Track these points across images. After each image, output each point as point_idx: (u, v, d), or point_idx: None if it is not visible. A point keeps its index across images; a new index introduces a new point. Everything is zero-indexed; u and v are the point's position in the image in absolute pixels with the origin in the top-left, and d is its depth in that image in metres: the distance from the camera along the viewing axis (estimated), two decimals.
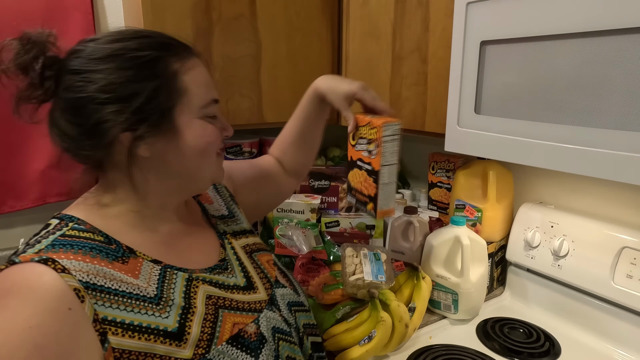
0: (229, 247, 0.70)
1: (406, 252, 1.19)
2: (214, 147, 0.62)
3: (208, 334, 0.55)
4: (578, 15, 0.67)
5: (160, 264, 0.57)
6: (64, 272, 0.48)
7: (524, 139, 0.78)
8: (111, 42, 0.56)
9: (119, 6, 1.33)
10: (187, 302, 0.56)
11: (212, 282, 0.61)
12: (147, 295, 0.53)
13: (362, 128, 0.82)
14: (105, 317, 0.48)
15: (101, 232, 0.56)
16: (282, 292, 0.69)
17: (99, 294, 0.49)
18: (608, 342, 0.97)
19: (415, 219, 1.17)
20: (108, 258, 0.53)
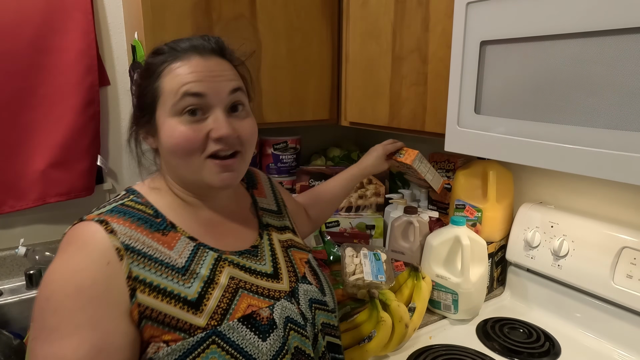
0: (267, 238, 0.75)
1: (406, 252, 1.19)
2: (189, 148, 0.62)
3: (223, 308, 0.60)
4: (578, 15, 0.67)
5: (195, 241, 0.64)
6: (112, 234, 0.57)
7: (523, 139, 0.78)
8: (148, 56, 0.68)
9: (119, 6, 1.33)
10: (211, 277, 0.62)
11: (238, 265, 0.67)
12: (176, 265, 0.60)
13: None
14: (137, 276, 0.56)
15: (152, 206, 0.65)
16: (306, 287, 0.73)
17: (136, 256, 0.58)
18: (608, 342, 0.97)
19: (415, 219, 1.17)
20: (150, 229, 0.62)
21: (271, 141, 1.53)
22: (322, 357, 0.70)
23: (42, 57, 1.21)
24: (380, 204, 1.46)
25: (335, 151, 1.71)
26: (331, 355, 0.73)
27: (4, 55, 1.16)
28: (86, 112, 1.28)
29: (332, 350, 0.74)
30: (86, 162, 1.31)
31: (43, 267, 1.27)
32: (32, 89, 1.21)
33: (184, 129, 0.61)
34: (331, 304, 0.77)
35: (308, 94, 1.34)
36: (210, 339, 0.58)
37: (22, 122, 1.21)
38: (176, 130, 0.62)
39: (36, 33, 1.19)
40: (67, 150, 1.26)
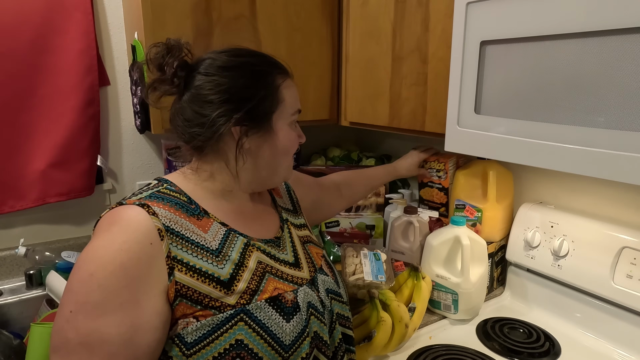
0: (287, 231, 0.80)
1: (406, 252, 1.19)
2: (294, 149, 0.77)
3: (252, 289, 0.65)
4: (578, 15, 0.67)
5: (226, 227, 0.69)
6: (154, 215, 0.61)
7: (524, 139, 0.78)
8: (235, 55, 0.71)
9: (119, 6, 1.33)
10: (241, 261, 0.66)
11: (265, 252, 0.71)
12: (211, 247, 0.65)
13: (430, 163, 1.26)
14: (175, 256, 0.60)
15: (186, 194, 0.69)
16: (323, 278, 0.77)
17: (175, 237, 0.62)
18: (608, 342, 0.97)
19: (415, 219, 1.17)
20: (187, 213, 0.66)
21: None
22: (338, 346, 0.74)
23: (42, 57, 1.21)
24: (380, 204, 1.46)
25: (335, 151, 1.71)
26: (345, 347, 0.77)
27: (4, 56, 1.16)
28: (86, 112, 1.28)
29: (347, 342, 0.78)
30: (86, 162, 1.31)
31: (43, 267, 1.26)
32: (32, 89, 1.21)
33: (295, 133, 0.76)
34: (345, 296, 0.81)
35: (308, 94, 1.34)
36: (239, 316, 0.62)
37: (22, 122, 1.21)
38: (291, 135, 0.74)
39: (36, 33, 1.19)
40: (67, 150, 1.26)
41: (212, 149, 0.71)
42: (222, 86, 0.68)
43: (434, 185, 1.28)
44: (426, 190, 1.30)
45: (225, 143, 0.70)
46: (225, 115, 0.67)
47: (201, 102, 0.68)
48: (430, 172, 1.27)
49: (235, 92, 0.68)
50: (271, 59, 0.75)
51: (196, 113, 0.68)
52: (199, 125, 0.69)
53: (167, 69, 0.68)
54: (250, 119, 0.69)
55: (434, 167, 1.26)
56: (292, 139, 0.75)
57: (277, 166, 0.75)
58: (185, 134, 0.71)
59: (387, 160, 1.65)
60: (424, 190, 1.30)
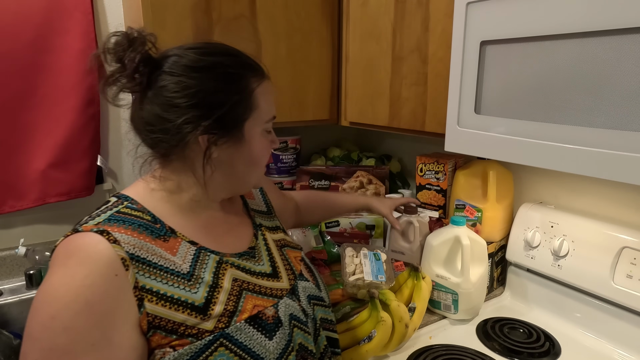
0: (261, 238, 0.76)
1: (406, 252, 1.19)
2: (267, 157, 0.72)
3: (230, 310, 0.61)
4: (578, 15, 0.67)
5: (196, 245, 0.64)
6: (115, 243, 0.55)
7: (523, 139, 0.78)
8: (205, 54, 0.64)
9: (119, 6, 1.33)
10: (215, 281, 0.62)
11: (239, 267, 0.67)
12: (181, 271, 0.60)
13: (429, 165, 1.28)
14: (144, 286, 0.56)
15: (149, 212, 0.63)
16: (304, 284, 0.74)
17: (141, 265, 0.56)
18: (608, 342, 0.97)
19: (415, 219, 1.17)
20: (152, 235, 0.60)
21: None
22: (323, 352, 0.72)
23: (42, 57, 1.21)
24: None
25: (335, 151, 1.71)
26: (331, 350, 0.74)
27: (4, 56, 1.16)
28: (86, 112, 1.28)
29: (331, 344, 0.75)
30: (86, 162, 1.31)
31: (43, 267, 1.27)
32: (32, 89, 1.21)
33: (268, 141, 0.70)
34: (327, 299, 0.78)
35: (308, 94, 1.34)
36: (218, 342, 0.58)
37: (22, 122, 1.21)
38: (265, 142, 0.69)
39: (36, 33, 1.19)
40: (67, 150, 1.26)
41: (178, 156, 0.65)
42: (190, 89, 0.61)
43: (431, 187, 1.28)
44: (424, 192, 1.30)
45: (193, 150, 0.63)
46: (193, 122, 0.61)
47: (165, 105, 0.61)
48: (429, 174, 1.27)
49: (204, 97, 0.61)
50: (246, 58, 0.68)
51: (159, 117, 0.61)
52: (162, 131, 0.62)
53: (127, 63, 0.60)
54: (220, 127, 0.62)
55: (432, 169, 1.25)
56: (265, 148, 0.70)
57: (249, 175, 0.70)
58: (147, 139, 0.64)
59: (387, 160, 1.65)
60: (422, 192, 1.30)
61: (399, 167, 1.61)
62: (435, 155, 1.29)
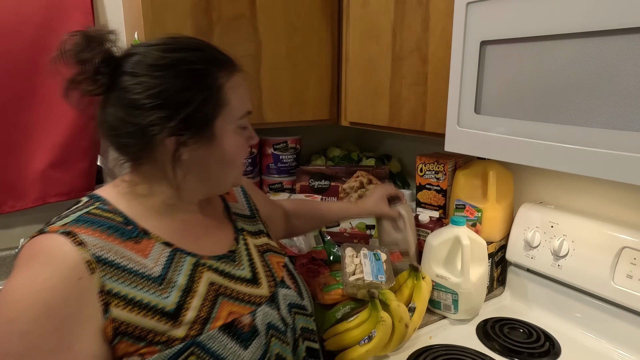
0: (242, 242, 0.73)
1: (400, 242, 1.17)
2: (243, 156, 0.69)
3: (203, 317, 0.58)
4: (578, 15, 0.67)
5: (171, 247, 0.61)
6: (81, 246, 0.53)
7: (523, 139, 0.78)
8: (168, 50, 0.60)
9: (119, 6, 1.33)
10: (189, 285, 0.59)
11: (217, 270, 0.64)
12: (152, 274, 0.57)
13: (429, 165, 1.27)
14: (110, 290, 0.53)
15: (122, 213, 0.60)
16: (285, 292, 0.71)
17: (109, 268, 0.54)
18: (608, 342, 0.97)
19: (401, 207, 1.15)
20: (122, 237, 0.58)
21: (271, 141, 1.53)
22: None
23: (42, 57, 1.21)
24: None
25: (335, 151, 1.71)
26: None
27: (4, 56, 1.16)
28: (86, 112, 1.28)
29: (312, 355, 0.73)
30: (86, 162, 1.31)
31: None
32: (32, 89, 1.21)
33: (243, 138, 0.67)
34: (309, 308, 0.75)
35: (308, 94, 1.34)
36: (189, 350, 0.55)
37: (22, 122, 1.21)
38: (240, 140, 0.66)
39: (36, 33, 1.19)
40: (67, 150, 1.26)
41: (147, 160, 0.62)
42: (153, 89, 0.57)
43: (431, 187, 1.28)
44: (424, 192, 1.30)
45: (162, 153, 0.61)
46: (158, 124, 0.57)
47: (128, 108, 0.58)
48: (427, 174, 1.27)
49: (169, 97, 0.58)
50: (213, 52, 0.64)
51: (123, 121, 0.59)
52: (127, 135, 0.59)
53: (87, 65, 0.57)
54: (188, 127, 0.59)
55: (432, 168, 1.25)
56: (240, 146, 0.66)
57: (224, 176, 0.68)
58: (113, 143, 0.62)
59: (387, 160, 1.65)
60: (422, 192, 1.30)
61: (399, 167, 1.61)
62: (435, 155, 1.29)
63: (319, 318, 1.03)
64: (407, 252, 1.07)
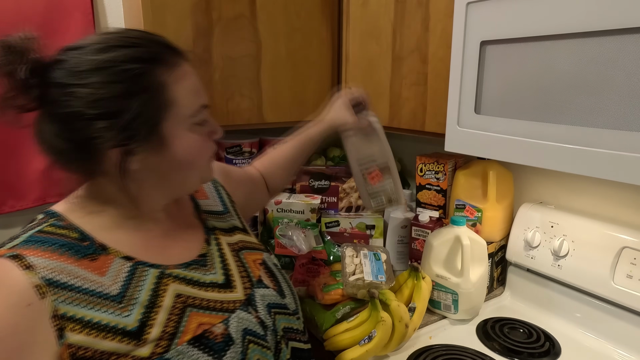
0: (214, 243, 0.69)
1: (376, 155, 0.99)
2: (204, 154, 0.63)
3: (170, 332, 0.55)
4: (578, 15, 0.67)
5: (131, 261, 0.57)
6: (29, 269, 0.50)
7: (524, 139, 0.78)
8: (97, 52, 0.54)
9: (119, 6, 1.33)
10: (153, 300, 0.56)
11: (185, 279, 0.60)
12: (110, 293, 0.54)
13: (429, 165, 1.25)
14: (64, 314, 0.50)
15: (77, 229, 0.56)
16: (262, 292, 0.67)
17: (61, 290, 0.50)
18: (608, 342, 0.97)
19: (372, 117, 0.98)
20: (77, 255, 0.54)
21: (271, 141, 1.52)
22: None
23: None
24: None
25: (335, 151, 1.71)
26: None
27: None
28: None
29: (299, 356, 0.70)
30: None
31: None
32: None
33: (201, 137, 0.61)
34: (292, 306, 0.71)
35: (308, 94, 1.34)
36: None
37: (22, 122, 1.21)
38: (196, 139, 0.60)
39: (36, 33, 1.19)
40: None
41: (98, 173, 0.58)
42: (84, 99, 0.52)
43: (431, 187, 1.28)
44: (424, 192, 1.30)
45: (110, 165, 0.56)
46: (97, 137, 0.52)
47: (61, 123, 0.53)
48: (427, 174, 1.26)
49: (103, 105, 0.52)
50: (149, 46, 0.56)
51: (59, 137, 0.54)
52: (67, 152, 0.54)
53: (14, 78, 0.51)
54: (130, 135, 0.53)
55: (432, 169, 1.25)
56: (197, 145, 0.60)
57: (185, 180, 0.62)
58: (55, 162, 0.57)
59: None
60: (422, 192, 1.30)
61: (399, 167, 1.61)
62: (435, 155, 1.29)
63: (318, 318, 1.03)
64: (387, 166, 0.92)
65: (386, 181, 0.93)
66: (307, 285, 1.17)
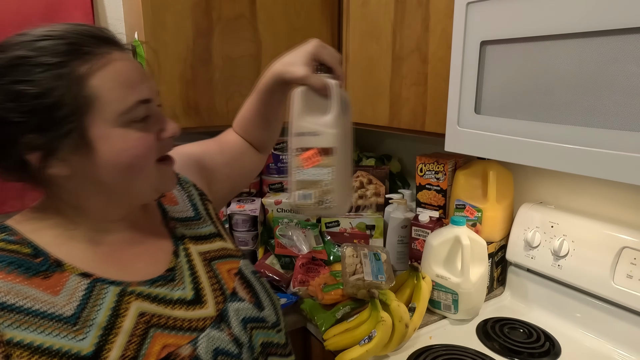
0: (183, 255, 0.62)
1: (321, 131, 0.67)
2: (146, 157, 0.54)
3: (130, 357, 0.50)
4: (578, 15, 0.67)
5: (89, 278, 0.52)
6: None
7: (524, 139, 0.78)
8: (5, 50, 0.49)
9: (119, 6, 1.33)
10: (112, 321, 0.51)
11: (150, 297, 0.55)
12: (63, 314, 0.49)
13: (429, 165, 1.25)
14: (11, 339, 0.46)
15: (31, 243, 0.52)
16: (237, 306, 0.62)
17: (8, 313, 0.46)
18: (608, 342, 0.97)
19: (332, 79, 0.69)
20: (27, 273, 0.49)
21: None
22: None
23: None
24: (380, 204, 1.46)
25: None
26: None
27: None
28: None
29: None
30: None
31: None
32: None
33: (137, 136, 0.52)
34: (271, 318, 0.65)
35: None
36: None
37: None
38: (130, 139, 0.52)
39: None
40: None
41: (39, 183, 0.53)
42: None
43: (431, 187, 1.28)
44: (424, 192, 1.30)
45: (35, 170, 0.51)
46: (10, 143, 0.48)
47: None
48: (427, 174, 1.26)
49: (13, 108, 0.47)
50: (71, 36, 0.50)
51: None
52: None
53: None
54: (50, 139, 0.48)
55: (432, 169, 1.25)
56: (133, 146, 0.52)
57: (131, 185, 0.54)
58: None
59: (387, 160, 1.65)
60: (422, 192, 1.30)
61: (399, 167, 1.61)
62: (435, 155, 1.29)
63: (318, 318, 1.03)
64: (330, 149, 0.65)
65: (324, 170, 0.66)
66: (307, 285, 1.17)
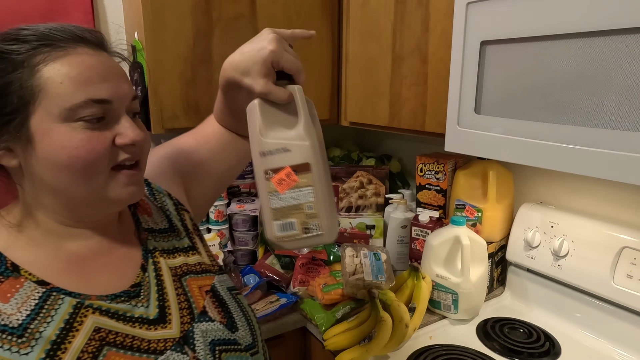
0: (152, 269, 0.58)
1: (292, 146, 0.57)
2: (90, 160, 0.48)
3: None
4: (578, 16, 0.67)
5: (46, 286, 0.48)
6: None
7: (524, 139, 0.78)
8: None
9: (119, 6, 1.33)
10: (63, 336, 0.46)
11: (108, 312, 0.50)
12: (10, 324, 0.45)
13: (429, 165, 1.26)
14: None
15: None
16: (205, 327, 0.56)
17: None
18: (608, 342, 0.97)
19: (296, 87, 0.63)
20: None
21: None
22: None
23: None
24: (380, 204, 1.46)
25: (335, 151, 1.71)
26: None
27: None
28: None
29: None
30: None
31: None
32: None
33: (84, 136, 0.48)
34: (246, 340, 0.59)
35: (308, 94, 1.33)
36: None
37: None
38: (74, 138, 0.47)
39: None
40: None
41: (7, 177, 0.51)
42: None
43: (431, 187, 1.28)
44: (424, 192, 1.30)
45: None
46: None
47: None
48: (427, 174, 1.26)
49: None
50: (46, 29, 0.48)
51: None
52: None
53: None
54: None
55: (432, 169, 1.25)
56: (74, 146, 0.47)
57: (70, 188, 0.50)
58: None
59: (387, 160, 1.65)
60: (422, 192, 1.30)
61: (399, 167, 1.61)
62: (435, 155, 1.29)
63: (319, 318, 1.03)
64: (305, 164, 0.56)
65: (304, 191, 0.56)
66: (307, 285, 1.17)
